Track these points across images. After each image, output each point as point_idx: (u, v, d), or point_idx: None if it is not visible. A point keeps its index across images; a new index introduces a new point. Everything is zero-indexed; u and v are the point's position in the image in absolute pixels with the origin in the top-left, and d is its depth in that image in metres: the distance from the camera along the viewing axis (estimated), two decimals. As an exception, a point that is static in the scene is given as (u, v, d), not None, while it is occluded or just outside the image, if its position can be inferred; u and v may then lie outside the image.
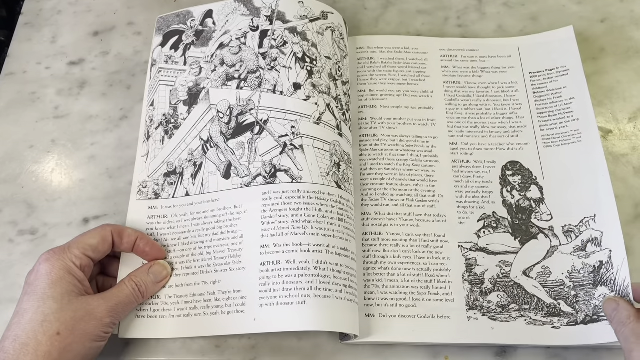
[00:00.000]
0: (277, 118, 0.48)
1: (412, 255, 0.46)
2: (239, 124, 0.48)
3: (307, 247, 0.42)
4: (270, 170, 0.46)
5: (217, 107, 0.49)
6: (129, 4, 0.61)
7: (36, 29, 0.60)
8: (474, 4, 0.60)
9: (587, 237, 0.45)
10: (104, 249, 0.42)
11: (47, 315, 0.37)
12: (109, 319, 0.39)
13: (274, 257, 0.42)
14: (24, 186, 0.51)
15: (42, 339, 0.36)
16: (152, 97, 0.52)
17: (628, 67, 0.55)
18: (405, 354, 0.43)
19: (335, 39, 0.52)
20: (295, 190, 0.44)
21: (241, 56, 0.51)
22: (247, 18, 0.53)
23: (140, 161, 0.50)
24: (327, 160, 0.46)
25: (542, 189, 0.48)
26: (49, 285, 0.38)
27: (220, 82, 0.50)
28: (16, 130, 0.54)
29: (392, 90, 0.53)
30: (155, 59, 0.53)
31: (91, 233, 0.42)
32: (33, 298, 0.38)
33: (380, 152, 0.50)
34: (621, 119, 0.53)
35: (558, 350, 0.43)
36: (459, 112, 0.53)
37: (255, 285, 0.42)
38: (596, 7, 0.59)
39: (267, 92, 0.49)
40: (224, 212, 0.45)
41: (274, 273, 0.42)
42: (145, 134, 0.51)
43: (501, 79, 0.54)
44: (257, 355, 0.43)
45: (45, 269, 0.39)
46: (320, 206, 0.44)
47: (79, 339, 0.37)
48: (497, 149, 0.51)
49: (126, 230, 0.44)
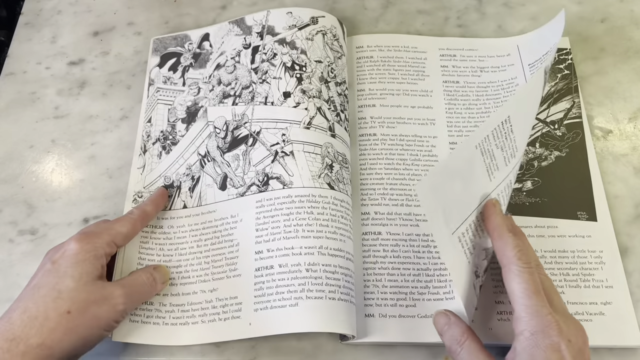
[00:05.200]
0: (269, 128, 0.49)
1: (412, 255, 0.46)
2: (234, 137, 0.50)
3: (298, 250, 0.43)
4: (263, 178, 0.47)
5: (214, 124, 0.51)
6: (129, 4, 0.61)
7: (36, 29, 0.60)
8: (474, 4, 0.60)
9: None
10: (132, 238, 0.44)
11: (61, 293, 0.37)
12: (122, 306, 0.39)
13: (268, 262, 0.43)
14: (24, 186, 0.51)
15: (51, 314, 0.36)
16: (149, 114, 0.53)
17: (628, 67, 0.55)
18: (405, 354, 0.43)
19: (327, 41, 0.53)
20: (286, 195, 0.45)
21: (236, 74, 0.52)
22: (241, 37, 0.55)
23: (136, 172, 0.50)
24: (318, 162, 0.46)
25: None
26: (72, 264, 0.38)
27: (217, 100, 0.52)
28: (16, 130, 0.54)
29: (391, 90, 0.53)
30: (153, 79, 0.55)
31: (121, 222, 0.43)
32: (53, 275, 0.38)
33: (380, 152, 0.50)
34: (621, 119, 0.53)
35: (558, 350, 0.43)
36: (458, 112, 0.53)
37: (250, 291, 0.43)
38: (596, 7, 0.59)
39: (259, 105, 0.50)
40: (221, 222, 0.46)
41: (268, 278, 0.43)
42: (141, 147, 0.52)
43: (500, 77, 0.54)
44: (257, 355, 0.43)
45: (74, 249, 0.39)
46: (311, 209, 0.44)
47: (88, 322, 0.37)
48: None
49: (145, 208, 0.45)
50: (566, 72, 0.54)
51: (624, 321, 0.43)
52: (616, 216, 0.47)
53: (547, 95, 0.53)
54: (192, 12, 0.60)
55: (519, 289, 0.35)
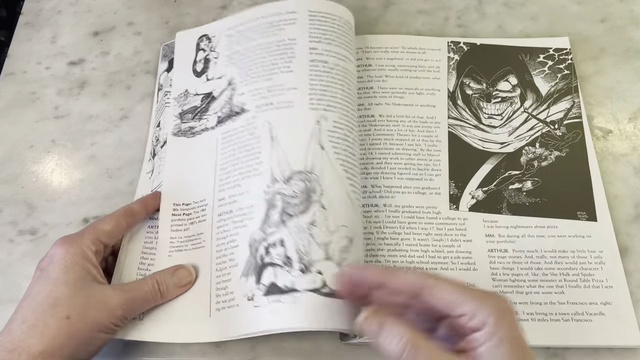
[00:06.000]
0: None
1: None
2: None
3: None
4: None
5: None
6: (129, 4, 0.61)
7: (36, 29, 0.60)
8: (474, 4, 0.60)
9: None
10: (118, 234, 0.43)
11: (58, 300, 0.37)
12: (121, 312, 0.39)
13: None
14: (24, 186, 0.51)
15: (50, 321, 0.36)
16: (158, 118, 0.53)
17: (628, 67, 0.55)
18: (405, 354, 0.43)
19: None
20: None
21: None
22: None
23: (145, 177, 0.50)
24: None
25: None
26: (62, 270, 0.38)
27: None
28: (16, 130, 0.54)
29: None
30: (162, 84, 0.55)
31: (104, 220, 0.42)
32: (45, 282, 0.38)
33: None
34: (621, 119, 0.53)
35: (558, 350, 0.43)
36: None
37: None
38: (596, 7, 0.59)
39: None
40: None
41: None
42: (151, 152, 0.52)
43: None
44: (257, 355, 0.43)
45: (60, 254, 0.39)
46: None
47: (88, 327, 0.37)
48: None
49: (132, 206, 0.45)
50: (566, 72, 0.54)
51: (624, 321, 0.43)
52: (616, 216, 0.47)
53: (547, 95, 0.53)
54: (192, 12, 0.60)
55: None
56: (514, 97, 0.53)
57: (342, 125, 0.46)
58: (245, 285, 0.41)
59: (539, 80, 0.54)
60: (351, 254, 0.41)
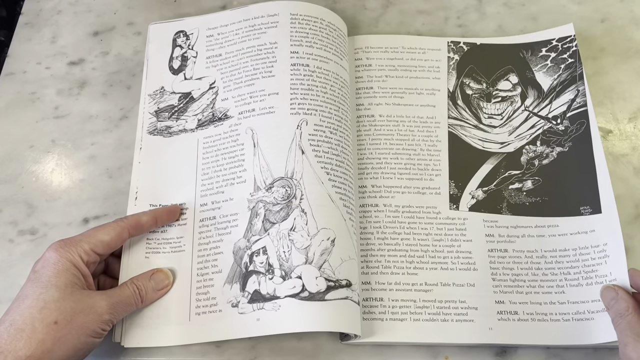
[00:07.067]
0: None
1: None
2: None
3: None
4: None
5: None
6: (129, 4, 0.61)
7: (36, 29, 0.60)
8: (474, 4, 0.60)
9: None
10: (116, 246, 0.42)
11: (47, 303, 0.37)
12: (108, 316, 0.39)
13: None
14: (24, 186, 0.51)
15: (38, 326, 0.36)
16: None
17: (628, 67, 0.55)
18: (405, 354, 0.43)
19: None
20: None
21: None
22: None
23: (138, 167, 0.50)
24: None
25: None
26: (54, 274, 0.38)
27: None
28: (16, 130, 0.54)
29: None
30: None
31: (105, 229, 0.42)
32: (36, 285, 0.38)
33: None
34: (621, 119, 0.53)
35: (558, 350, 0.43)
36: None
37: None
38: (596, 7, 0.59)
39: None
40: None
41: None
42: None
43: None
44: (257, 355, 0.43)
45: (53, 258, 0.39)
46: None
47: (76, 331, 0.37)
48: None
49: (141, 218, 0.44)
50: (570, 61, 0.53)
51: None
52: (616, 216, 0.47)
53: (549, 90, 0.53)
54: (192, 12, 0.60)
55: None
56: (514, 96, 0.53)
57: (324, 128, 0.47)
58: (230, 292, 0.43)
59: (541, 75, 0.54)
60: (333, 254, 0.42)
